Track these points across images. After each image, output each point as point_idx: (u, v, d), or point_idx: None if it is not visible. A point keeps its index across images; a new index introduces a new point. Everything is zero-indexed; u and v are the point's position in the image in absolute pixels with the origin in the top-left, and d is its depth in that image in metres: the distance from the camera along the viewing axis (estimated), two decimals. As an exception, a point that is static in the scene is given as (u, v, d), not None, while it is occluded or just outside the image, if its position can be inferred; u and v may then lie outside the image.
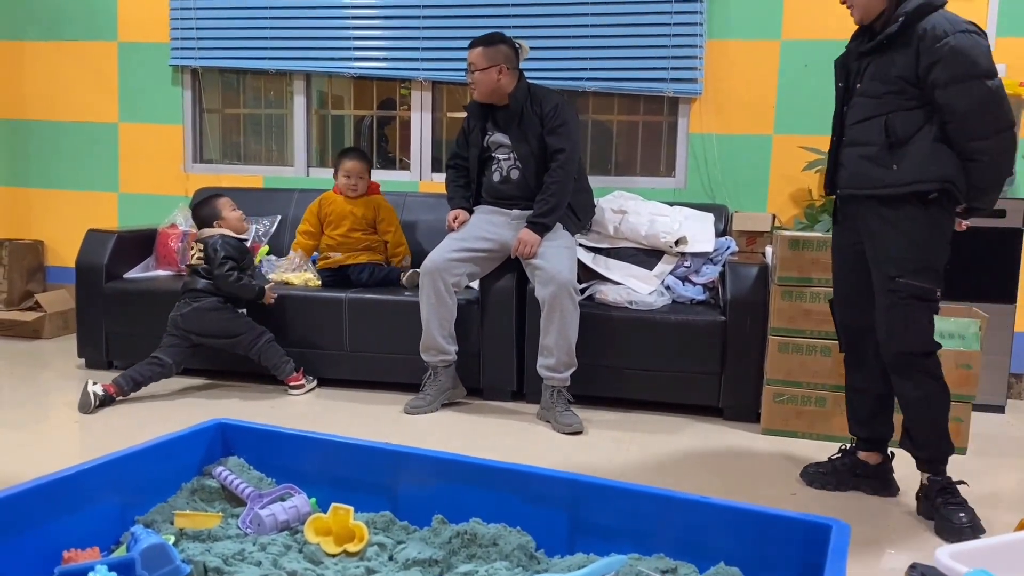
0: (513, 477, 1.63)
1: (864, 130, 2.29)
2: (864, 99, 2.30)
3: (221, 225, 3.48)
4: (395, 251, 3.71)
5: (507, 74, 3.27)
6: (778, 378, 3.03)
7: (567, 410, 3.09)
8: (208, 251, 3.37)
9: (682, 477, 2.61)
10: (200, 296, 3.35)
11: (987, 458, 2.87)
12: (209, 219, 3.50)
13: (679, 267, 3.42)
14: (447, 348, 3.23)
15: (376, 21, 4.15)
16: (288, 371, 3.41)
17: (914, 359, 2.26)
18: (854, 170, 2.32)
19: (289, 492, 1.82)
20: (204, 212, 3.53)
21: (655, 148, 4.11)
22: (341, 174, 3.71)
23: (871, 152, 2.27)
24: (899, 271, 2.24)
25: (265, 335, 3.40)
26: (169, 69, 4.43)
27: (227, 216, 3.51)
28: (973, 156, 2.16)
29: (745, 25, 3.82)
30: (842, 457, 2.58)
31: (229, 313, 3.38)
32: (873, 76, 2.27)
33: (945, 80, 2.12)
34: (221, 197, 3.58)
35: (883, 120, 2.24)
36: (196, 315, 3.33)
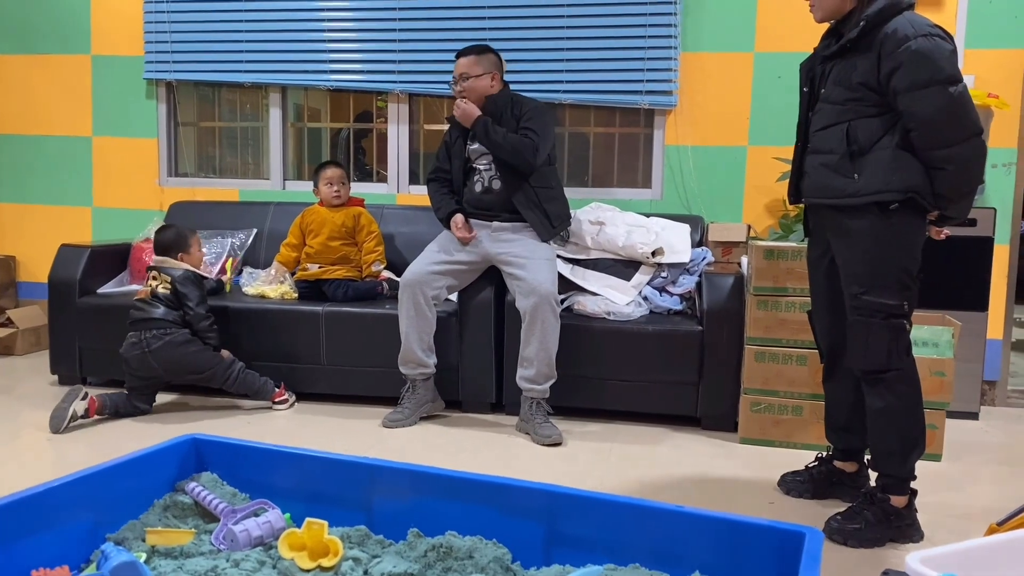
0: (488, 489, 1.62)
1: (826, 137, 2.24)
2: (827, 105, 2.25)
3: (184, 260, 3.37)
4: (366, 257, 3.69)
5: (498, 81, 3.29)
6: (755, 387, 3.05)
7: (546, 422, 3.09)
8: (179, 286, 3.27)
9: (661, 487, 2.61)
10: (169, 328, 3.23)
11: (961, 464, 2.90)
12: (174, 248, 3.38)
13: (656, 278, 3.44)
14: (426, 361, 3.22)
15: (352, 34, 4.15)
16: (269, 391, 3.36)
17: (873, 375, 2.22)
18: (816, 179, 2.28)
19: (263, 507, 1.80)
20: (170, 238, 3.40)
21: (632, 160, 4.13)
22: (323, 184, 3.71)
23: (832, 161, 2.22)
24: (861, 287, 2.20)
25: (236, 364, 3.33)
26: (143, 82, 4.41)
27: (194, 254, 3.43)
28: (938, 164, 2.09)
29: (719, 38, 3.85)
30: (819, 466, 2.59)
31: (197, 346, 3.27)
32: (836, 81, 2.22)
33: (906, 86, 2.06)
34: (194, 233, 3.49)
35: (845, 127, 2.19)
36: (168, 349, 3.21)
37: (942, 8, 3.63)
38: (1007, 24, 3.60)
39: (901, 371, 2.21)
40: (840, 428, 2.51)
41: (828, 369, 2.51)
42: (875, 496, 2.26)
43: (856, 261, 2.22)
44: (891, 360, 2.19)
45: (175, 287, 3.28)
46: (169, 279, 3.30)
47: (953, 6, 3.63)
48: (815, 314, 2.51)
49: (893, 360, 2.19)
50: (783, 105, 3.79)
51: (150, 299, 3.28)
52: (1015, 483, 2.52)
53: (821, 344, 2.51)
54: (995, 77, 3.59)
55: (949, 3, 3.63)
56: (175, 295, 3.28)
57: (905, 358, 2.21)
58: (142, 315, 3.26)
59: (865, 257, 2.20)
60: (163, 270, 3.33)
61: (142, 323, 3.24)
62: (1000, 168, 3.63)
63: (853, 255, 2.23)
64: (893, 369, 2.20)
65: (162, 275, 3.33)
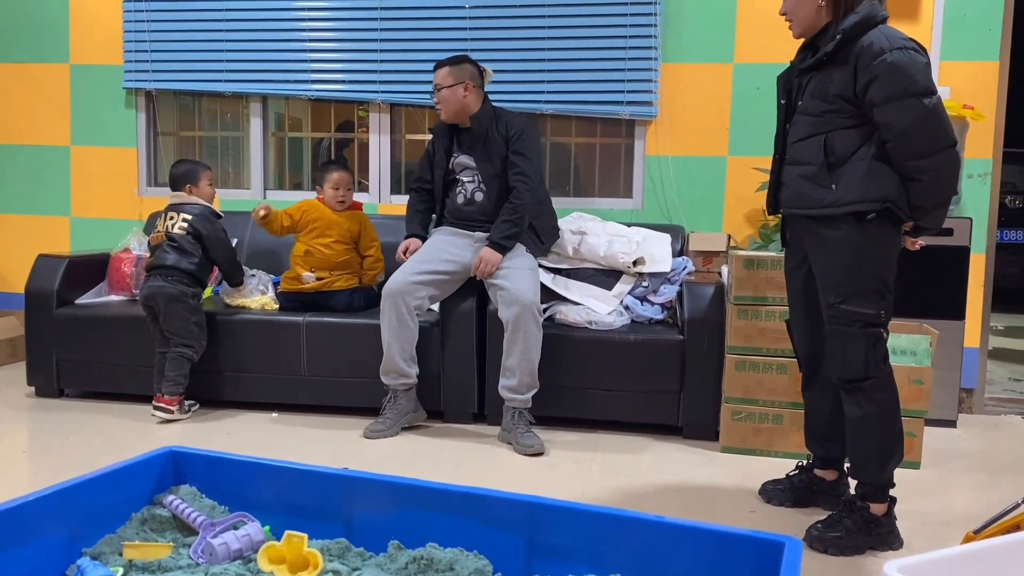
0: (469, 500, 1.61)
1: (804, 149, 2.26)
2: (804, 117, 2.27)
3: (192, 192, 3.41)
4: (373, 266, 3.66)
5: (473, 92, 3.29)
6: (736, 396, 3.06)
7: (528, 431, 3.09)
8: (200, 226, 3.31)
9: (643, 497, 2.61)
10: (172, 275, 3.30)
11: (940, 472, 2.92)
12: (183, 180, 3.44)
13: (637, 287, 3.45)
14: (408, 371, 3.21)
15: (334, 43, 4.15)
16: (169, 391, 3.32)
17: (851, 383, 2.24)
18: (794, 190, 2.30)
19: (242, 520, 1.78)
20: (180, 171, 3.46)
21: (613, 170, 4.15)
22: (328, 186, 3.58)
23: (810, 172, 2.24)
24: (839, 297, 2.22)
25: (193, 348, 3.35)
26: (123, 92, 4.38)
27: (203, 188, 3.46)
28: (913, 175, 2.12)
29: (698, 49, 3.88)
30: (799, 474, 2.60)
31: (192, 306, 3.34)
32: (813, 94, 2.24)
33: (882, 98, 2.09)
34: (207, 168, 3.54)
35: (822, 139, 2.21)
36: (162, 298, 3.30)
37: (918, 21, 3.68)
38: (982, 37, 3.65)
39: (878, 379, 2.23)
40: (820, 436, 2.52)
41: (807, 378, 2.52)
42: (855, 504, 2.27)
43: (833, 270, 2.24)
44: (869, 368, 2.21)
45: (195, 227, 3.31)
46: (189, 217, 3.31)
47: (928, 19, 3.68)
48: (793, 323, 2.53)
49: (871, 368, 2.21)
50: (762, 116, 3.82)
51: (164, 242, 3.33)
52: (993, 490, 2.54)
53: (800, 353, 2.53)
54: (970, 88, 3.64)
55: (925, 16, 3.68)
56: (195, 236, 3.31)
57: (883, 366, 2.23)
58: (155, 261, 3.36)
59: (842, 267, 2.22)
60: (181, 208, 3.34)
61: (155, 270, 3.34)
62: (976, 178, 3.68)
63: (830, 265, 2.25)
64: (871, 377, 2.22)
65: (180, 214, 3.32)
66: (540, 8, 3.94)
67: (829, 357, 2.28)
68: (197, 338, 3.37)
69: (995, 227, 3.74)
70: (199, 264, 3.39)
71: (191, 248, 3.37)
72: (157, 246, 3.39)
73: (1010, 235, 6.55)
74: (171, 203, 3.45)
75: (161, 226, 3.42)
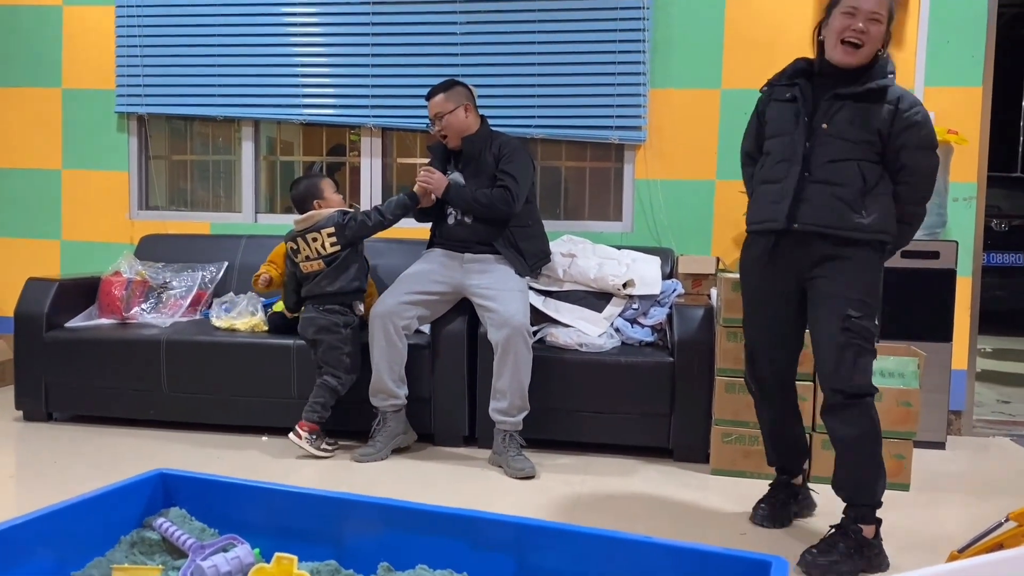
0: (458, 522, 1.61)
1: (839, 171, 2.30)
2: (838, 140, 2.31)
3: (322, 207, 3.31)
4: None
5: (472, 112, 3.33)
6: (725, 418, 3.07)
7: (519, 454, 3.08)
8: (345, 227, 3.23)
9: (633, 519, 2.61)
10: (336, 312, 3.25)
11: (928, 494, 2.93)
12: (308, 198, 3.33)
13: (628, 309, 3.47)
14: (397, 392, 3.21)
15: (326, 68, 4.19)
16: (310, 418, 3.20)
17: (857, 399, 2.27)
18: (823, 208, 2.30)
19: (232, 543, 1.77)
20: (302, 191, 3.35)
21: (603, 193, 4.18)
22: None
23: (847, 194, 2.28)
24: (858, 312, 2.27)
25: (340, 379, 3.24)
26: (115, 116, 4.40)
27: (330, 198, 3.35)
28: (909, 218, 2.36)
29: (686, 75, 3.93)
30: (777, 493, 2.64)
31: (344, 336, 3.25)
32: (851, 120, 2.30)
33: (916, 143, 2.29)
34: (324, 178, 3.45)
35: (857, 165, 2.29)
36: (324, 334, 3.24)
37: (902, 47, 3.74)
38: (965, 63, 3.71)
39: (873, 397, 2.29)
40: (789, 454, 2.63)
41: (778, 399, 2.57)
42: (849, 528, 2.28)
43: (853, 287, 2.30)
44: (871, 384, 2.29)
45: (342, 231, 3.23)
46: (331, 229, 3.23)
47: (913, 45, 3.74)
48: (767, 346, 2.51)
49: (872, 385, 2.30)
50: (750, 140, 3.86)
51: (324, 268, 3.25)
52: (981, 511, 2.55)
53: (762, 376, 2.53)
54: (955, 113, 3.69)
55: (909, 42, 3.74)
56: (346, 245, 3.24)
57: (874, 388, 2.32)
58: (318, 290, 3.26)
59: (862, 286, 2.30)
60: (317, 227, 3.25)
61: (317, 298, 3.27)
62: (961, 202, 3.72)
63: (850, 281, 2.30)
64: (870, 394, 2.28)
65: (321, 231, 3.24)
66: (530, 34, 3.99)
67: (837, 369, 2.27)
68: (348, 369, 3.26)
69: (981, 250, 3.78)
70: (360, 272, 3.32)
71: (352, 259, 3.29)
72: (316, 274, 3.27)
73: (996, 258, 6.60)
74: (302, 227, 3.28)
75: (309, 251, 3.26)
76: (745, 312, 2.56)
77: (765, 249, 2.41)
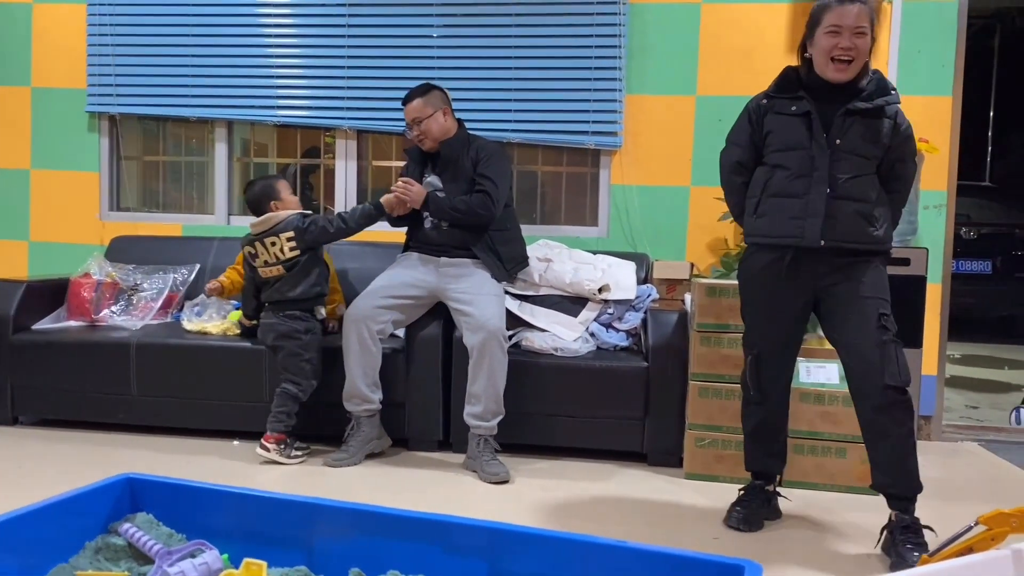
0: (430, 527, 1.60)
1: (859, 186, 2.36)
2: (853, 156, 2.36)
3: (279, 208, 3.21)
4: (331, 298, 3.63)
5: (450, 115, 3.33)
6: (699, 423, 3.08)
7: (494, 459, 3.07)
8: (304, 231, 3.14)
9: (608, 524, 2.61)
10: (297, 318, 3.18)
11: (899, 498, 2.95)
12: (264, 199, 3.22)
13: (603, 314, 3.47)
14: (371, 397, 3.19)
15: (301, 70, 4.16)
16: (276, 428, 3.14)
17: (903, 395, 2.33)
18: (849, 225, 2.36)
19: (200, 548, 1.75)
20: (258, 191, 3.24)
21: (579, 198, 4.19)
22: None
23: (866, 210, 2.36)
24: (886, 311, 2.35)
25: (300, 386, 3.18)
26: (86, 115, 4.34)
27: (287, 199, 3.25)
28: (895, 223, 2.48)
29: (662, 81, 3.95)
30: (752, 497, 2.66)
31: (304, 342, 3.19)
32: (864, 137, 2.35)
33: (908, 155, 2.43)
34: (280, 179, 3.34)
35: (870, 180, 2.38)
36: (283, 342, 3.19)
37: (874, 57, 3.74)
38: (935, 72, 3.76)
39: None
40: (773, 456, 2.64)
41: (775, 404, 2.60)
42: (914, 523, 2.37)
43: (880, 292, 2.38)
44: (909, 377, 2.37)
45: (302, 235, 3.14)
46: (291, 233, 3.14)
47: (884, 55, 3.78)
48: (771, 354, 2.55)
49: None
50: (724, 147, 3.88)
51: (284, 274, 3.17)
52: (950, 515, 2.57)
53: (767, 380, 2.56)
54: (925, 122, 3.73)
55: (880, 52, 3.78)
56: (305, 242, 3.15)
57: None
58: (278, 296, 3.20)
59: (883, 287, 2.40)
60: (275, 230, 3.15)
61: (277, 304, 3.20)
62: (932, 209, 3.77)
63: (877, 288, 2.38)
64: (907, 389, 2.35)
65: (281, 236, 3.14)
66: (507, 38, 3.99)
67: (887, 365, 2.30)
68: (309, 375, 3.20)
69: (951, 257, 3.83)
70: (321, 277, 3.26)
71: (312, 264, 3.22)
72: (276, 279, 3.20)
73: (965, 265, 6.71)
74: (259, 231, 3.20)
75: (267, 256, 3.19)
76: (750, 320, 2.59)
77: (782, 263, 2.43)
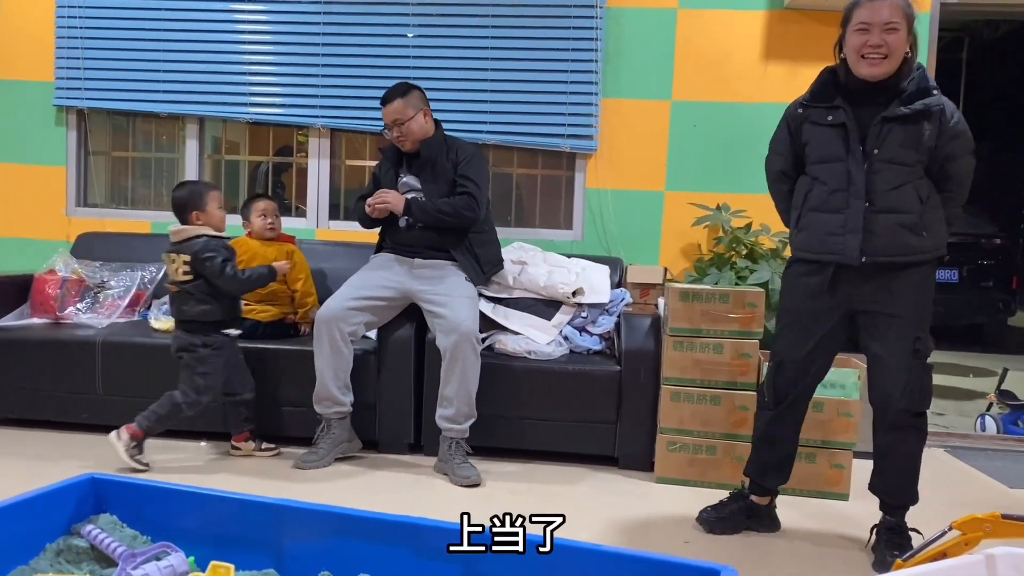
0: (401, 529, 1.58)
1: (900, 198, 2.29)
2: (894, 166, 2.29)
3: (200, 220, 3.04)
4: (303, 301, 3.58)
5: (429, 115, 3.31)
6: (671, 427, 3.09)
7: (465, 462, 3.05)
8: (198, 265, 2.96)
9: (579, 527, 2.60)
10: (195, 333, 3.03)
11: (867, 503, 2.97)
12: (188, 207, 3.04)
13: (576, 317, 3.47)
14: (342, 399, 3.15)
15: (274, 67, 4.12)
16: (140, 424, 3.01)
17: (918, 418, 2.36)
18: (891, 239, 2.30)
19: (165, 551, 1.71)
20: (183, 197, 3.06)
21: (554, 201, 4.19)
22: (255, 216, 3.52)
23: (909, 220, 2.29)
24: (922, 332, 2.34)
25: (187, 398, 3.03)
26: (53, 109, 4.26)
27: (212, 213, 3.07)
28: (952, 220, 2.37)
29: (637, 86, 3.96)
30: (734, 502, 2.64)
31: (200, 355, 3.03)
32: (903, 143, 2.27)
33: (960, 152, 2.30)
34: (213, 188, 3.15)
35: (913, 188, 2.29)
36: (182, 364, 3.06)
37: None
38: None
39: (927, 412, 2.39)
40: (772, 468, 2.58)
41: (786, 413, 2.54)
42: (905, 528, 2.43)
43: (917, 307, 2.35)
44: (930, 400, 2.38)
45: (194, 267, 2.97)
46: (188, 258, 2.97)
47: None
48: (795, 362, 2.49)
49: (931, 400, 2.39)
50: (699, 152, 3.92)
51: (175, 293, 3.05)
52: (919, 521, 2.59)
53: (785, 385, 2.51)
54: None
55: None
56: (197, 272, 2.97)
57: None
58: (174, 310, 3.09)
59: (925, 305, 2.36)
60: (180, 248, 3.01)
61: (180, 323, 3.09)
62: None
63: (914, 305, 2.35)
64: (925, 412, 2.36)
65: (180, 255, 3.00)
66: (483, 40, 3.98)
67: (912, 391, 2.34)
68: (199, 390, 3.04)
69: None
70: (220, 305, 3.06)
71: (203, 293, 3.02)
72: (175, 295, 3.08)
73: (933, 274, 6.81)
74: (172, 241, 3.07)
75: (169, 270, 3.08)
76: (781, 328, 2.53)
77: (823, 278, 2.39)
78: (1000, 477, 3.38)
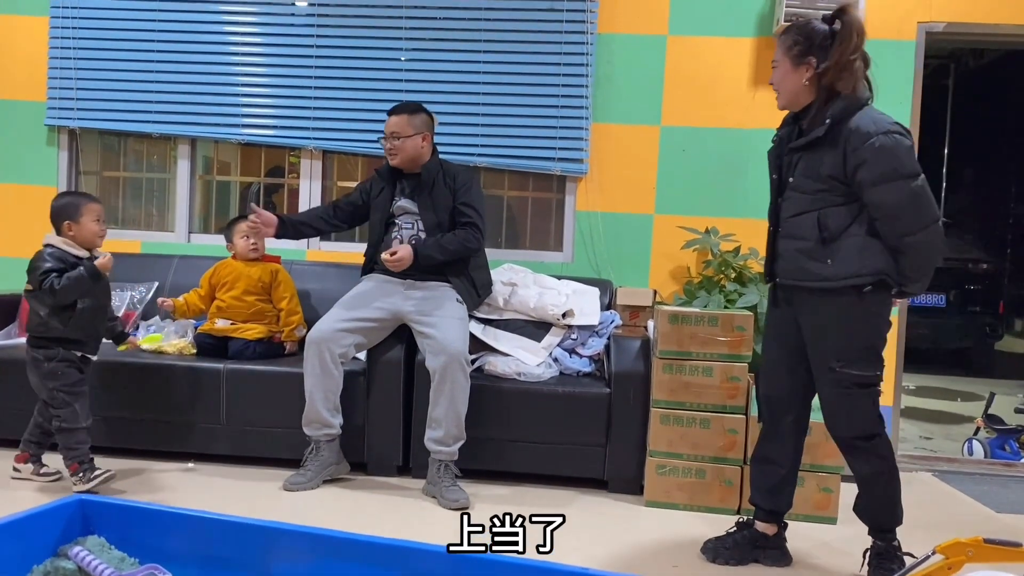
0: (390, 552, 1.58)
1: (799, 224, 2.35)
2: (797, 194, 2.36)
3: (71, 230, 2.87)
4: (288, 320, 3.59)
5: (429, 141, 3.32)
6: (660, 450, 3.09)
7: (454, 485, 3.04)
8: (31, 270, 2.82)
9: (568, 551, 2.59)
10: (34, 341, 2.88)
11: (856, 527, 2.96)
12: (60, 216, 2.87)
13: (566, 339, 3.48)
14: (331, 421, 3.14)
15: (267, 88, 4.13)
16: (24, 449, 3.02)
17: (859, 441, 2.36)
18: (792, 263, 2.39)
19: (153, 573, 1.70)
20: (58, 206, 2.89)
21: (544, 223, 4.21)
22: (238, 237, 3.59)
23: (807, 247, 2.33)
24: (839, 361, 2.31)
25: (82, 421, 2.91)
26: (45, 129, 4.26)
27: (85, 225, 2.88)
28: (902, 249, 2.24)
29: (627, 110, 4.00)
30: (741, 530, 2.63)
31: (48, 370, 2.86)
32: (804, 173, 2.34)
33: (872, 179, 2.21)
34: (93, 202, 2.94)
35: (816, 216, 2.31)
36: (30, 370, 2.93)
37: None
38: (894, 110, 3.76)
39: (882, 435, 2.37)
40: (771, 489, 2.57)
41: (768, 430, 2.58)
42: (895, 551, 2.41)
43: (833, 338, 2.34)
44: (876, 425, 2.35)
45: (33, 277, 2.80)
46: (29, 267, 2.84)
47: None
48: (773, 381, 2.56)
49: (877, 425, 2.36)
50: (687, 176, 3.95)
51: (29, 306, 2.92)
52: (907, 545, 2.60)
53: (763, 406, 2.59)
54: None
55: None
56: (30, 281, 2.80)
57: (882, 423, 2.38)
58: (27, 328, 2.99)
59: (842, 335, 2.32)
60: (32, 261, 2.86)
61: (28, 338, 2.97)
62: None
63: (830, 332, 2.35)
64: (877, 434, 2.35)
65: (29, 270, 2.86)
66: (476, 64, 4.01)
67: (832, 417, 2.38)
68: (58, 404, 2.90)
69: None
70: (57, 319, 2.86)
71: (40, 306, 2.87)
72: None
73: (920, 298, 6.85)
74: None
75: None
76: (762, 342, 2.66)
77: (772, 294, 2.55)
78: (987, 501, 3.40)
